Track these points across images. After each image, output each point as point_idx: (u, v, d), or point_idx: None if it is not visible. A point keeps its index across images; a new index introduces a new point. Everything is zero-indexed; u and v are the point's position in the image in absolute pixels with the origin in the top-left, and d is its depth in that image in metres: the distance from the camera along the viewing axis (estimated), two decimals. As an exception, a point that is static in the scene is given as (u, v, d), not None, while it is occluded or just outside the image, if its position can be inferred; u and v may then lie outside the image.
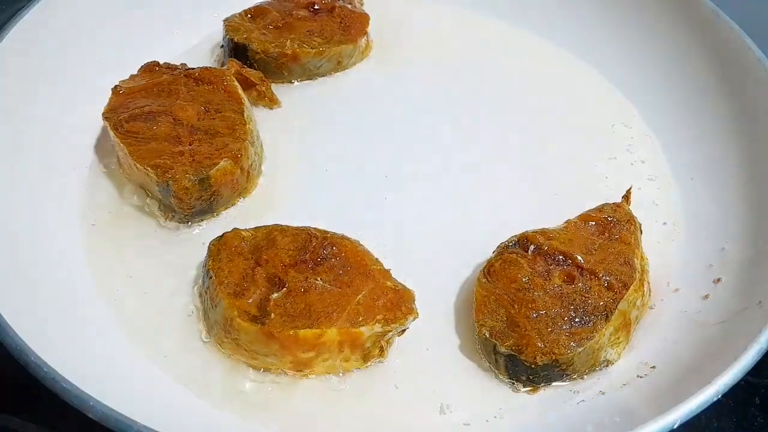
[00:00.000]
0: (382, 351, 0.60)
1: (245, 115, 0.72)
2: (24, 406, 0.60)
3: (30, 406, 0.59)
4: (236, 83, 0.76)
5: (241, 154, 0.69)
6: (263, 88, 0.80)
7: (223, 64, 0.83)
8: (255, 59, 0.81)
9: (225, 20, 0.83)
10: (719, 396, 0.52)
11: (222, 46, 0.85)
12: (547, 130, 0.81)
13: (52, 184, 0.70)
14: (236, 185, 0.70)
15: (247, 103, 0.75)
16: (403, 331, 0.61)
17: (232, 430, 0.57)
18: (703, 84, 0.81)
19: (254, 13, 0.85)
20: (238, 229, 0.64)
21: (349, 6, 0.88)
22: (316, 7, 0.86)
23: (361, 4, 0.90)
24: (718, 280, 0.66)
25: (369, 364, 0.60)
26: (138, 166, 0.67)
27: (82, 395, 0.49)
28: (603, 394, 0.59)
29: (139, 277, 0.66)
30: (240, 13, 0.85)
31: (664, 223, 0.73)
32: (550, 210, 0.71)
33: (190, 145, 0.69)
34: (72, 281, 0.64)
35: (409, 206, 0.73)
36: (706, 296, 0.65)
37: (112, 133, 0.70)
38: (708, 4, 0.81)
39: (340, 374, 0.60)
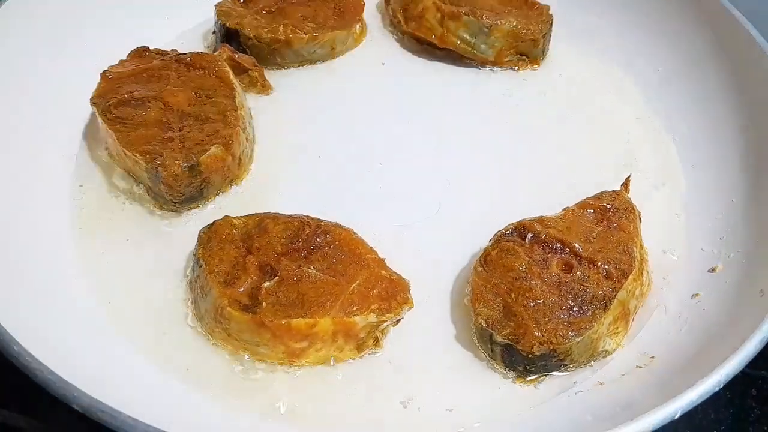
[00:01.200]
0: (377, 341, 0.59)
1: (237, 101, 0.71)
2: (13, 397, 0.59)
3: (20, 398, 0.58)
4: (228, 69, 0.74)
5: (232, 140, 0.68)
6: (256, 74, 0.78)
7: (215, 50, 0.81)
8: (247, 45, 0.80)
9: (217, 5, 0.82)
10: (721, 386, 0.51)
11: (214, 32, 0.83)
12: (545, 117, 0.80)
13: (39, 171, 0.68)
14: (227, 172, 0.69)
15: (239, 88, 0.73)
16: (398, 321, 0.60)
17: (221, 420, 0.55)
18: (706, 72, 0.80)
19: (247, -2, 0.83)
20: (229, 216, 0.62)
21: (344, -9, 0.87)
22: (310, -9, 0.85)
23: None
24: (714, 268, 0.65)
25: (363, 354, 0.59)
26: (126, 152, 0.66)
27: (66, 386, 0.47)
28: (602, 384, 0.58)
29: (127, 265, 0.64)
30: (232, -2, 0.83)
31: (664, 212, 0.71)
32: (548, 198, 0.70)
33: (180, 131, 0.67)
34: (59, 270, 0.62)
35: (403, 194, 0.72)
36: (706, 285, 0.64)
37: (100, 119, 0.68)
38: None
39: (333, 364, 0.59)
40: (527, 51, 0.83)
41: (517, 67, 0.84)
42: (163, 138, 0.66)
